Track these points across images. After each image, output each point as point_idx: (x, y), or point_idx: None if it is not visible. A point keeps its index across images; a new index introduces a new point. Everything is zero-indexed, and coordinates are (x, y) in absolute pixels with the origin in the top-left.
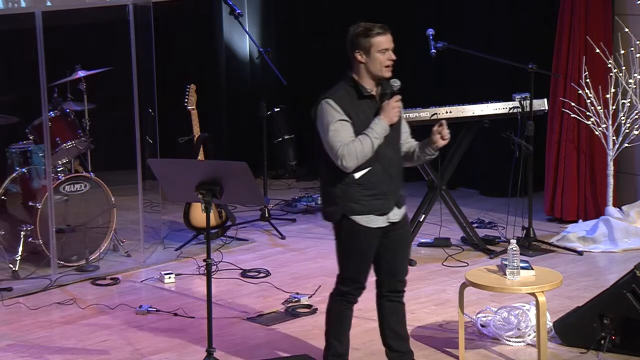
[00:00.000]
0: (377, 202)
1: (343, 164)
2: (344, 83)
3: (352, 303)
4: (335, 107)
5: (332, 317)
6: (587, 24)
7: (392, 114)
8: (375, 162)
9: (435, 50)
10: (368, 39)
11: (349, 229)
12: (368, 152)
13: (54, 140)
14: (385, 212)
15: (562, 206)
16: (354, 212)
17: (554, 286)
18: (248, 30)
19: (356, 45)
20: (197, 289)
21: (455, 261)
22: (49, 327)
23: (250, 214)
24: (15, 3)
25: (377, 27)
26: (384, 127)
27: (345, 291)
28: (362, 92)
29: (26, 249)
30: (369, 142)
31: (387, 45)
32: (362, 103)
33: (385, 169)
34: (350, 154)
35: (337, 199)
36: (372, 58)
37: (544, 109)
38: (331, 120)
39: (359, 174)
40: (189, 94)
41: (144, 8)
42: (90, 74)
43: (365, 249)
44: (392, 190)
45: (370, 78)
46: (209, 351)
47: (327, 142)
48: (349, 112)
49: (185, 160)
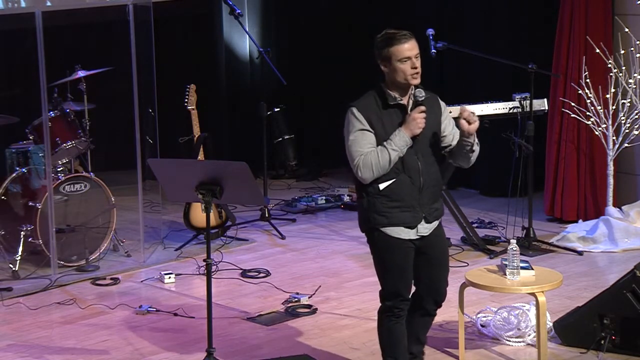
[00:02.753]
0: (404, 215)
1: (359, 174)
2: (373, 91)
3: (399, 317)
4: (357, 115)
5: (383, 335)
6: (587, 24)
7: (413, 125)
8: (401, 173)
9: (435, 50)
10: (387, 49)
11: (380, 240)
12: (385, 165)
13: (54, 140)
14: (413, 226)
15: (562, 206)
16: (380, 224)
17: (554, 286)
18: (248, 30)
19: (378, 55)
20: (197, 289)
21: (455, 261)
22: (49, 327)
23: (250, 214)
24: (15, 3)
25: (397, 36)
26: (404, 139)
27: (389, 306)
28: (387, 100)
29: (26, 249)
30: (386, 154)
31: (408, 54)
32: (388, 112)
33: (413, 181)
34: (365, 165)
35: (365, 211)
36: (393, 68)
37: (544, 109)
38: (352, 130)
39: (383, 185)
40: (189, 94)
41: (144, 8)
42: (90, 74)
43: (399, 261)
44: (421, 203)
45: (398, 86)
46: (209, 351)
47: (347, 152)
48: (372, 122)
49: (185, 160)
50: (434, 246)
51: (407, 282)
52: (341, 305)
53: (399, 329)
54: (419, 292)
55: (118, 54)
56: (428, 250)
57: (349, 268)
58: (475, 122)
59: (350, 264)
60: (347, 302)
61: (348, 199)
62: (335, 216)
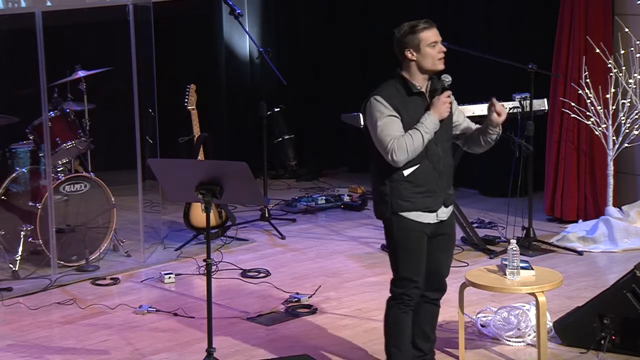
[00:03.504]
0: (427, 200)
1: (393, 157)
2: (393, 81)
3: (409, 306)
4: (384, 103)
5: (390, 324)
6: (587, 24)
7: (443, 109)
8: (424, 159)
9: None
10: (416, 34)
11: (401, 225)
12: (418, 146)
13: (54, 140)
14: (434, 210)
15: (562, 206)
16: (403, 210)
17: (554, 286)
18: (248, 30)
19: (405, 44)
20: (197, 289)
21: (455, 261)
22: (49, 327)
23: (250, 214)
24: (15, 3)
25: (422, 23)
26: (434, 122)
27: (401, 293)
28: (411, 89)
29: (26, 249)
30: (419, 136)
31: (435, 39)
32: (412, 100)
33: (435, 166)
34: (400, 148)
35: (386, 197)
36: (422, 54)
37: (544, 109)
38: (380, 116)
39: (407, 171)
40: (189, 94)
41: (144, 8)
42: (90, 74)
43: (418, 247)
44: (441, 188)
45: (422, 74)
46: (209, 351)
47: (377, 138)
48: (398, 109)
49: (185, 160)
50: (447, 231)
51: (421, 268)
52: (341, 305)
53: (405, 319)
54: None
55: (118, 54)
56: (440, 235)
57: (349, 268)
58: (504, 115)
59: (350, 264)
60: (347, 302)
61: (348, 199)
62: (335, 216)
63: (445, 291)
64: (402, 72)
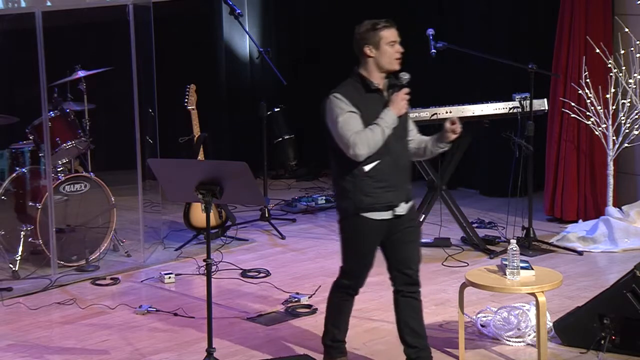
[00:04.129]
0: (388, 195)
1: (355, 151)
2: (351, 79)
3: (352, 296)
4: (343, 99)
5: (332, 308)
6: (587, 24)
7: (401, 105)
8: (384, 154)
9: (435, 50)
10: (377, 32)
11: (355, 223)
12: (379, 141)
13: (54, 140)
14: (395, 205)
15: (562, 206)
16: (365, 204)
17: (554, 286)
18: (248, 30)
19: (365, 40)
20: (197, 289)
21: (455, 261)
22: (49, 327)
23: (250, 214)
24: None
25: (383, 22)
26: (393, 117)
27: (347, 285)
28: (369, 86)
29: (26, 249)
30: (380, 130)
31: (394, 38)
32: (370, 97)
33: (395, 162)
34: (361, 142)
35: (349, 193)
36: (381, 51)
37: (544, 109)
38: (340, 113)
39: (368, 167)
40: (189, 94)
41: (144, 8)
42: (90, 74)
43: (370, 246)
44: (401, 183)
45: (380, 72)
46: (209, 351)
47: (338, 133)
48: (357, 105)
49: (185, 160)
50: (409, 224)
51: (370, 265)
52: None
53: (347, 305)
54: (392, 272)
55: (118, 54)
56: (401, 230)
57: None
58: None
59: None
60: None
61: None
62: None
63: (419, 285)
64: (360, 70)
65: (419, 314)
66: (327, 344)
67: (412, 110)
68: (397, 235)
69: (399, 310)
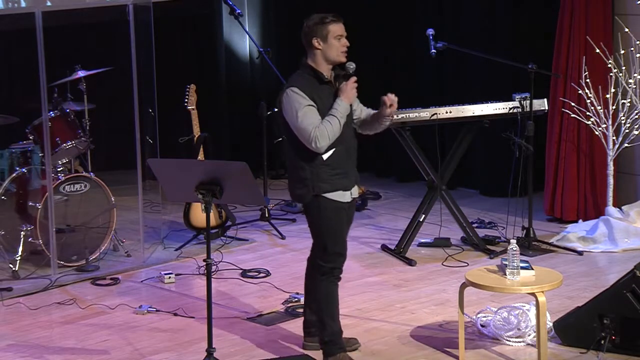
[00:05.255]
0: (343, 180)
1: (317, 145)
2: (302, 71)
3: (337, 278)
4: (301, 93)
5: (324, 298)
6: (587, 24)
7: (352, 94)
8: (338, 143)
9: (435, 50)
10: (325, 26)
11: (324, 206)
12: (337, 131)
13: (54, 140)
14: (349, 189)
15: (562, 206)
16: (324, 191)
17: (554, 286)
18: (248, 30)
19: (313, 33)
20: (197, 289)
21: (455, 261)
22: (49, 327)
23: (250, 214)
24: (15, 3)
25: (331, 16)
26: (345, 107)
27: (331, 267)
28: (321, 78)
29: (26, 249)
30: (337, 121)
31: (341, 32)
32: (322, 88)
33: (346, 149)
34: (322, 135)
35: (306, 181)
36: (329, 44)
37: (544, 109)
38: (299, 107)
39: (326, 155)
40: (189, 94)
41: (144, 8)
42: (90, 74)
43: (340, 222)
44: (352, 168)
45: (327, 63)
46: (209, 351)
47: (298, 127)
48: (313, 98)
49: (185, 160)
50: (352, 207)
51: (345, 242)
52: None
53: (335, 290)
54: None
55: (118, 54)
56: (349, 211)
57: (349, 268)
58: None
59: (350, 264)
60: (347, 302)
61: None
62: None
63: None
64: (309, 62)
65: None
66: (325, 341)
67: (412, 110)
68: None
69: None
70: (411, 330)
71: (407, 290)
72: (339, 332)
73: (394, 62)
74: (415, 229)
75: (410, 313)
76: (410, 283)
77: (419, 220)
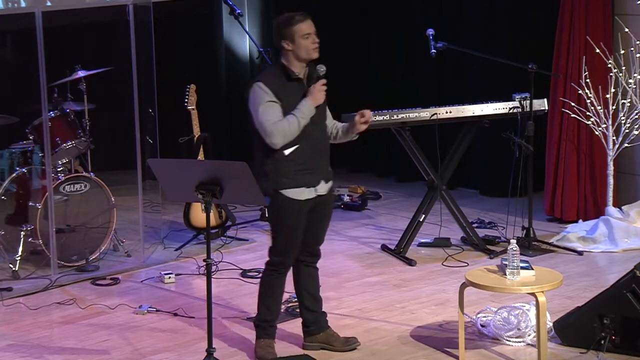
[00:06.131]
0: (306, 177)
1: (272, 140)
2: (274, 68)
3: (282, 274)
4: (265, 89)
5: (263, 287)
6: (587, 24)
7: (318, 96)
8: (302, 140)
9: (435, 50)
10: (291, 27)
11: (282, 203)
12: (294, 131)
13: (54, 140)
14: (313, 185)
15: (562, 206)
16: (285, 186)
17: (554, 286)
18: (248, 30)
19: (281, 35)
20: (197, 289)
21: (455, 261)
22: (49, 327)
23: (250, 214)
24: (15, 3)
25: (297, 15)
26: (310, 108)
27: (276, 261)
28: (290, 75)
29: (26, 249)
30: (295, 121)
31: (309, 30)
32: (291, 86)
33: (312, 147)
34: (277, 132)
35: (269, 174)
36: (297, 44)
37: (544, 109)
38: (261, 102)
39: (288, 151)
40: (189, 94)
41: (144, 8)
42: (90, 74)
43: (295, 221)
44: (320, 166)
45: (299, 62)
46: (209, 351)
47: (258, 121)
48: (278, 95)
49: (185, 160)
50: (325, 203)
51: (297, 241)
52: (341, 305)
53: (278, 284)
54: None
55: (118, 54)
56: (320, 208)
57: (349, 268)
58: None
59: (350, 264)
60: (347, 302)
61: (348, 199)
62: (335, 216)
63: (320, 256)
64: (282, 60)
65: (316, 280)
66: (255, 323)
67: (412, 110)
68: (317, 214)
69: (299, 278)
70: (411, 330)
71: (407, 290)
72: (270, 321)
73: (394, 62)
74: (415, 229)
75: (410, 313)
76: (410, 283)
77: (419, 220)
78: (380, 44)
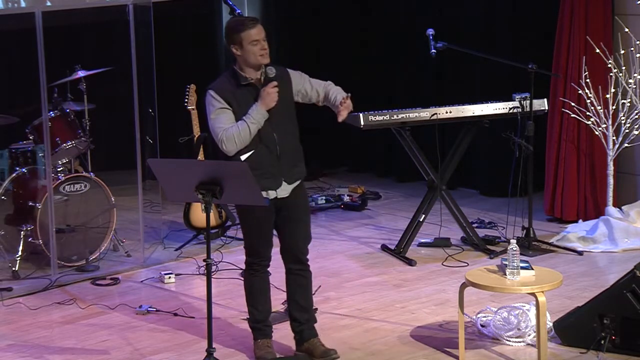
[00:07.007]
0: (265, 181)
1: (224, 147)
2: (226, 73)
3: (258, 272)
4: (215, 97)
5: (245, 287)
6: (587, 24)
7: (268, 99)
8: (259, 144)
9: (435, 50)
10: (239, 34)
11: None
12: (246, 136)
13: (54, 140)
14: (273, 189)
15: (562, 206)
16: None
17: (554, 286)
18: None
19: (231, 40)
20: (197, 289)
21: (455, 261)
22: (49, 327)
23: None
24: (15, 3)
25: (246, 21)
26: (261, 113)
27: (249, 261)
28: (239, 81)
29: (26, 249)
30: (246, 126)
31: (256, 37)
32: (243, 91)
33: (271, 150)
34: (228, 139)
35: None
36: (245, 50)
37: (544, 109)
38: (212, 109)
39: (244, 156)
40: (189, 94)
41: (144, 8)
42: (90, 74)
43: (258, 222)
44: (280, 169)
45: (250, 67)
46: (209, 351)
47: (211, 129)
48: (229, 101)
49: (185, 160)
50: (294, 204)
51: (265, 241)
52: (341, 305)
53: (258, 282)
54: (281, 250)
55: (118, 54)
56: (288, 209)
57: (349, 268)
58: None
59: (350, 264)
60: (347, 302)
61: (348, 199)
62: (335, 216)
63: (305, 262)
64: (234, 65)
65: (305, 290)
66: (250, 326)
67: (412, 110)
68: (284, 214)
69: (288, 286)
70: (411, 330)
71: (407, 290)
72: (263, 320)
73: (394, 62)
74: (415, 229)
75: (410, 313)
76: (410, 283)
77: (419, 220)
78: (380, 43)
